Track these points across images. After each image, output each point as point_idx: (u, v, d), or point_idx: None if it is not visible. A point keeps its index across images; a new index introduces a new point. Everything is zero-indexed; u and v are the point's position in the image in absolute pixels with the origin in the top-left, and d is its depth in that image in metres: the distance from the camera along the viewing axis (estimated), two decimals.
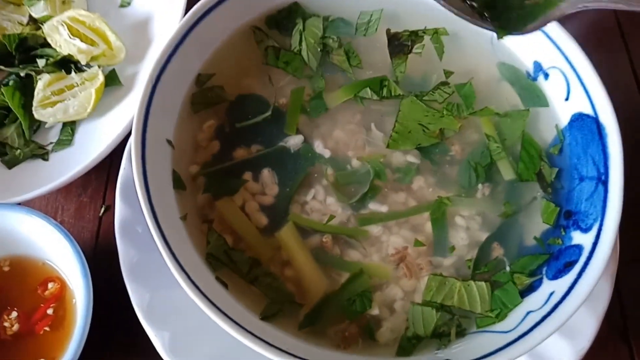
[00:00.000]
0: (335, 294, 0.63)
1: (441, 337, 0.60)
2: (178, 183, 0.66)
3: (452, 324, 0.60)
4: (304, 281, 0.63)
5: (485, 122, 0.69)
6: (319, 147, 0.70)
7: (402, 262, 0.63)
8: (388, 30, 0.73)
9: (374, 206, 0.67)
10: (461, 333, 0.60)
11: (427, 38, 0.73)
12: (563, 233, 0.63)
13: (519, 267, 0.63)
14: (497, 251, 0.64)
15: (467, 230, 0.65)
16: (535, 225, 0.65)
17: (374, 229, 0.65)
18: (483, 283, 0.61)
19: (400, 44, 0.72)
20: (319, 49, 0.73)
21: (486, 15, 0.65)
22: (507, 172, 0.67)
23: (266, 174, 0.68)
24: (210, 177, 0.68)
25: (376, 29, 0.75)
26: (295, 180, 0.68)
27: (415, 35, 0.73)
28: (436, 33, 0.73)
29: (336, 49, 0.73)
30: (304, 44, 0.73)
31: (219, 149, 0.70)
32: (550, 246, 0.63)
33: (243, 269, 0.63)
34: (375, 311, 0.62)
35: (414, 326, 0.60)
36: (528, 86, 0.71)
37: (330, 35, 0.74)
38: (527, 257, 0.63)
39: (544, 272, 0.61)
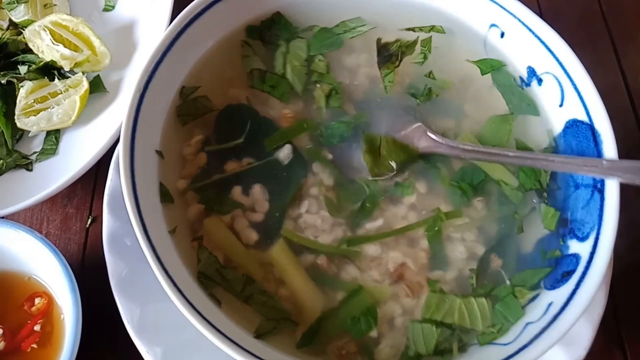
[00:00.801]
0: (333, 312, 0.61)
1: (443, 353, 0.59)
2: (166, 196, 0.64)
3: (454, 339, 0.59)
4: (299, 300, 0.62)
5: (467, 137, 0.68)
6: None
7: (401, 280, 0.62)
8: (378, 40, 0.72)
9: (370, 223, 0.65)
10: (463, 348, 0.59)
11: (417, 47, 0.72)
12: (561, 243, 0.62)
13: (519, 280, 0.62)
14: (496, 262, 0.64)
15: (464, 242, 0.65)
16: (532, 234, 0.65)
17: (370, 248, 0.64)
18: (484, 299, 0.60)
19: (390, 54, 0.71)
20: (304, 72, 0.71)
21: None
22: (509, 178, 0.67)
23: (257, 188, 0.67)
24: (199, 191, 0.67)
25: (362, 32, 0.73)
26: (288, 194, 0.66)
27: (406, 47, 0.72)
28: (432, 29, 0.73)
29: (325, 74, 0.72)
30: (288, 67, 0.71)
31: (207, 161, 0.68)
32: (549, 260, 0.62)
33: (236, 287, 0.61)
34: (373, 333, 0.61)
35: (414, 344, 0.59)
36: (518, 94, 0.71)
37: (317, 54, 0.72)
38: (528, 270, 0.62)
39: (542, 283, 0.61)
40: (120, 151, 0.60)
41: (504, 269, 0.63)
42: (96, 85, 0.87)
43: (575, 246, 0.60)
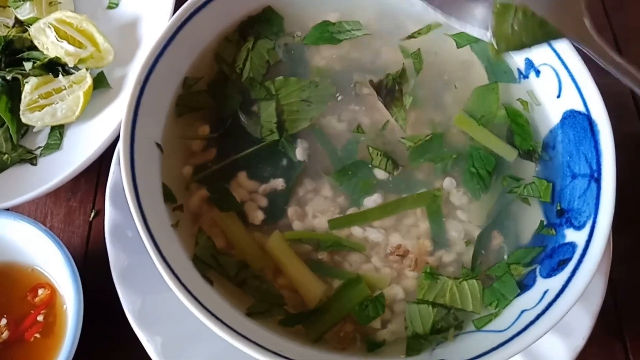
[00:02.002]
0: (331, 302, 0.62)
1: (440, 332, 0.59)
2: (169, 196, 0.64)
3: (450, 318, 0.60)
4: (298, 289, 0.63)
5: (460, 120, 0.69)
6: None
7: (404, 258, 0.63)
8: (371, 82, 0.71)
9: (369, 201, 0.66)
10: (459, 326, 0.60)
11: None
12: (557, 221, 0.63)
13: (514, 259, 0.63)
14: (497, 239, 0.65)
15: (463, 222, 0.65)
16: (530, 213, 0.66)
17: (372, 234, 0.65)
18: (474, 281, 0.60)
19: (389, 90, 0.70)
20: (262, 72, 0.72)
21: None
22: (508, 153, 0.67)
23: (259, 171, 0.67)
24: (202, 181, 0.67)
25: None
26: (292, 176, 0.67)
27: (399, 77, 0.71)
28: (430, 29, 0.73)
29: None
30: (248, 64, 0.72)
31: (207, 150, 0.69)
32: (545, 237, 0.63)
33: (230, 272, 0.62)
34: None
35: (412, 325, 0.60)
36: (496, 62, 0.71)
37: (310, 45, 0.73)
38: (523, 249, 0.63)
39: (537, 271, 0.61)
40: (120, 143, 0.61)
41: (505, 244, 0.64)
42: (100, 81, 0.88)
43: (571, 235, 0.60)
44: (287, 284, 0.63)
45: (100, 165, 0.85)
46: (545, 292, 0.57)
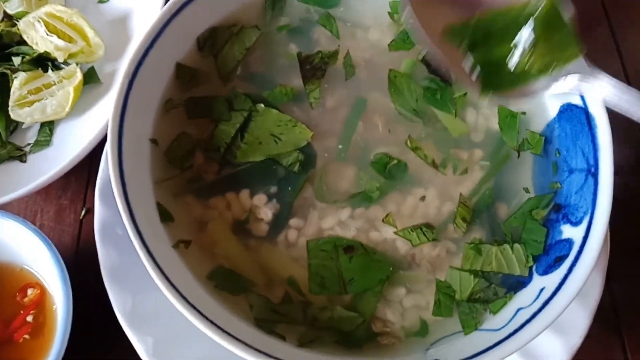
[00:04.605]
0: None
1: (477, 302, 0.60)
2: (165, 216, 0.63)
3: (489, 292, 0.60)
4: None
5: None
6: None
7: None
8: (299, 54, 0.70)
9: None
10: (487, 301, 0.60)
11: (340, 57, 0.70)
12: (558, 174, 0.64)
13: (530, 206, 0.63)
14: (502, 210, 0.65)
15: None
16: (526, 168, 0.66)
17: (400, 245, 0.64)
18: (518, 245, 0.61)
19: (313, 67, 0.69)
20: (237, 58, 0.70)
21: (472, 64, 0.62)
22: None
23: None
24: (197, 192, 0.66)
25: None
26: (296, 184, 0.65)
27: (329, 57, 0.70)
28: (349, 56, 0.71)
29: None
30: (227, 46, 0.70)
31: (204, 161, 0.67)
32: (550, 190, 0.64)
33: (298, 316, 0.60)
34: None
35: (449, 288, 0.61)
36: None
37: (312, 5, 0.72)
38: (533, 198, 0.64)
39: (534, 268, 0.60)
40: (108, 138, 0.60)
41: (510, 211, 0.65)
42: (90, 77, 0.87)
43: (568, 231, 0.59)
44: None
45: (91, 163, 0.84)
46: (541, 290, 0.56)
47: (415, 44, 0.70)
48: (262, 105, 0.67)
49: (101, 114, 0.83)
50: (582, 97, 0.62)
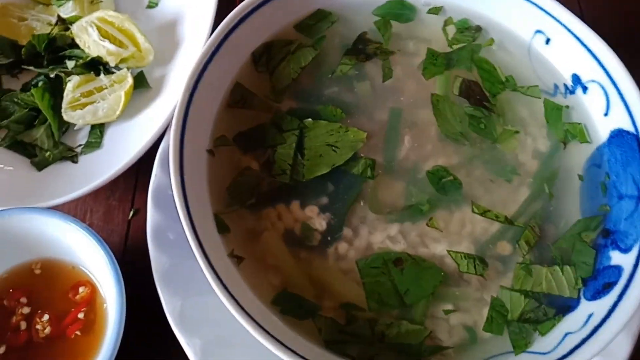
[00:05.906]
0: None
1: (527, 322, 0.60)
2: (222, 227, 0.65)
3: (539, 312, 0.61)
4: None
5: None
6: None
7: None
8: (364, 33, 0.73)
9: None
10: (537, 321, 0.61)
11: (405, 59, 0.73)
12: (607, 197, 0.65)
13: (579, 229, 0.64)
14: (551, 231, 0.66)
15: None
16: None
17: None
18: (568, 267, 0.62)
19: (362, 50, 0.71)
20: (293, 76, 0.72)
21: None
22: None
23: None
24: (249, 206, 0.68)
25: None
26: (349, 196, 0.67)
27: (382, 52, 0.72)
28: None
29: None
30: (284, 62, 0.72)
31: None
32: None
33: (366, 333, 0.61)
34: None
35: (501, 308, 0.61)
36: None
37: (380, 16, 0.74)
38: (582, 220, 0.64)
39: (581, 292, 0.61)
40: (170, 152, 0.61)
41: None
42: (140, 81, 0.89)
43: (617, 257, 0.60)
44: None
45: (139, 164, 0.86)
46: (589, 316, 0.57)
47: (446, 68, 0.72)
48: (310, 119, 0.69)
49: (150, 119, 0.85)
50: (634, 123, 0.63)
